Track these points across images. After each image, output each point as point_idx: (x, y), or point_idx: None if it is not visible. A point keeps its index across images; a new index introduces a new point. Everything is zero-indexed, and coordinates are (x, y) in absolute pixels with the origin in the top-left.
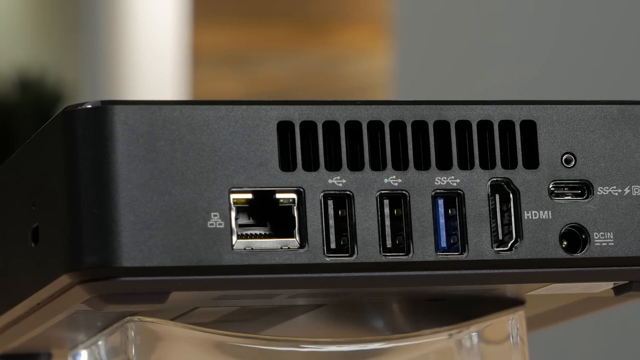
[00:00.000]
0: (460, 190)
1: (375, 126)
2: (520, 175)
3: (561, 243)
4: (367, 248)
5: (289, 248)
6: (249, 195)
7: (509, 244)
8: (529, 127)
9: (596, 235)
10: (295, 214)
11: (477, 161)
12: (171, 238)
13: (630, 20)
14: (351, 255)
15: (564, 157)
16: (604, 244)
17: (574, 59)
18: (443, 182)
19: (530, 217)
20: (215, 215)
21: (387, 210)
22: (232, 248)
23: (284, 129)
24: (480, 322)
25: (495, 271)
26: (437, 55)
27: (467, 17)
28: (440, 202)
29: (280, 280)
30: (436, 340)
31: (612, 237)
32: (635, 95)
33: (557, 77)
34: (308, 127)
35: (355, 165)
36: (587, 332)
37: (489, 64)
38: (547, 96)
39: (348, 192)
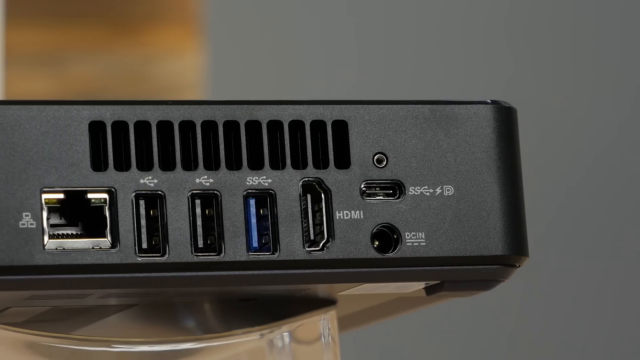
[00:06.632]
0: (271, 190)
1: (187, 126)
2: (331, 175)
3: (373, 243)
4: (179, 248)
5: (100, 248)
6: (61, 195)
7: (321, 244)
8: (341, 127)
9: (407, 235)
10: (107, 214)
11: (288, 161)
12: None
13: (442, 19)
14: (163, 255)
15: (376, 157)
16: (415, 243)
17: (387, 58)
18: (255, 182)
19: (341, 217)
20: (26, 215)
21: (198, 210)
22: (44, 248)
23: (96, 128)
24: (292, 322)
25: (307, 271)
26: (249, 55)
27: (279, 15)
28: (252, 202)
29: (92, 280)
30: (248, 340)
31: (423, 237)
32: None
33: (370, 77)
34: (119, 127)
35: (167, 165)
36: (402, 331)
37: (300, 63)
38: (360, 96)
39: (160, 192)
